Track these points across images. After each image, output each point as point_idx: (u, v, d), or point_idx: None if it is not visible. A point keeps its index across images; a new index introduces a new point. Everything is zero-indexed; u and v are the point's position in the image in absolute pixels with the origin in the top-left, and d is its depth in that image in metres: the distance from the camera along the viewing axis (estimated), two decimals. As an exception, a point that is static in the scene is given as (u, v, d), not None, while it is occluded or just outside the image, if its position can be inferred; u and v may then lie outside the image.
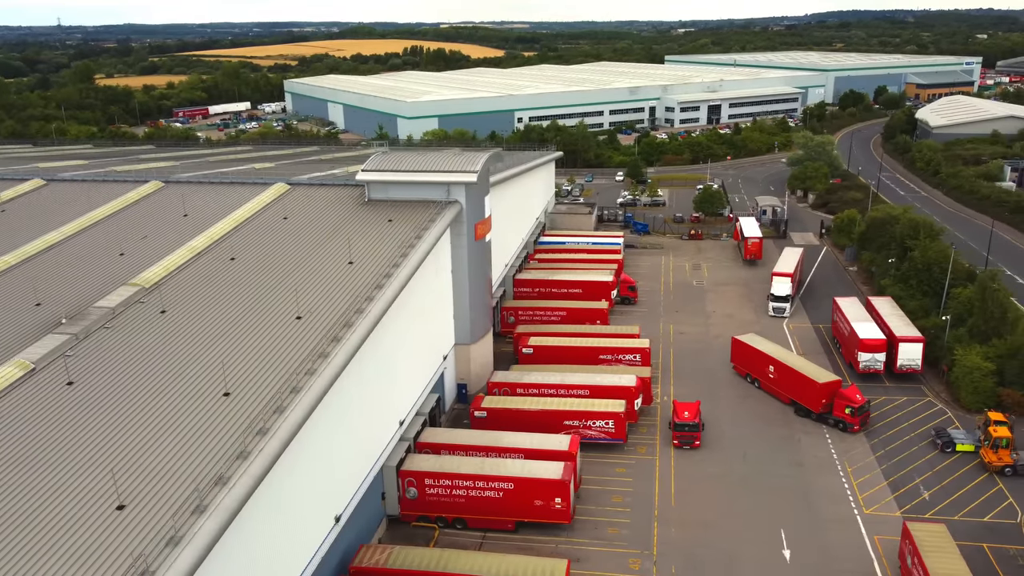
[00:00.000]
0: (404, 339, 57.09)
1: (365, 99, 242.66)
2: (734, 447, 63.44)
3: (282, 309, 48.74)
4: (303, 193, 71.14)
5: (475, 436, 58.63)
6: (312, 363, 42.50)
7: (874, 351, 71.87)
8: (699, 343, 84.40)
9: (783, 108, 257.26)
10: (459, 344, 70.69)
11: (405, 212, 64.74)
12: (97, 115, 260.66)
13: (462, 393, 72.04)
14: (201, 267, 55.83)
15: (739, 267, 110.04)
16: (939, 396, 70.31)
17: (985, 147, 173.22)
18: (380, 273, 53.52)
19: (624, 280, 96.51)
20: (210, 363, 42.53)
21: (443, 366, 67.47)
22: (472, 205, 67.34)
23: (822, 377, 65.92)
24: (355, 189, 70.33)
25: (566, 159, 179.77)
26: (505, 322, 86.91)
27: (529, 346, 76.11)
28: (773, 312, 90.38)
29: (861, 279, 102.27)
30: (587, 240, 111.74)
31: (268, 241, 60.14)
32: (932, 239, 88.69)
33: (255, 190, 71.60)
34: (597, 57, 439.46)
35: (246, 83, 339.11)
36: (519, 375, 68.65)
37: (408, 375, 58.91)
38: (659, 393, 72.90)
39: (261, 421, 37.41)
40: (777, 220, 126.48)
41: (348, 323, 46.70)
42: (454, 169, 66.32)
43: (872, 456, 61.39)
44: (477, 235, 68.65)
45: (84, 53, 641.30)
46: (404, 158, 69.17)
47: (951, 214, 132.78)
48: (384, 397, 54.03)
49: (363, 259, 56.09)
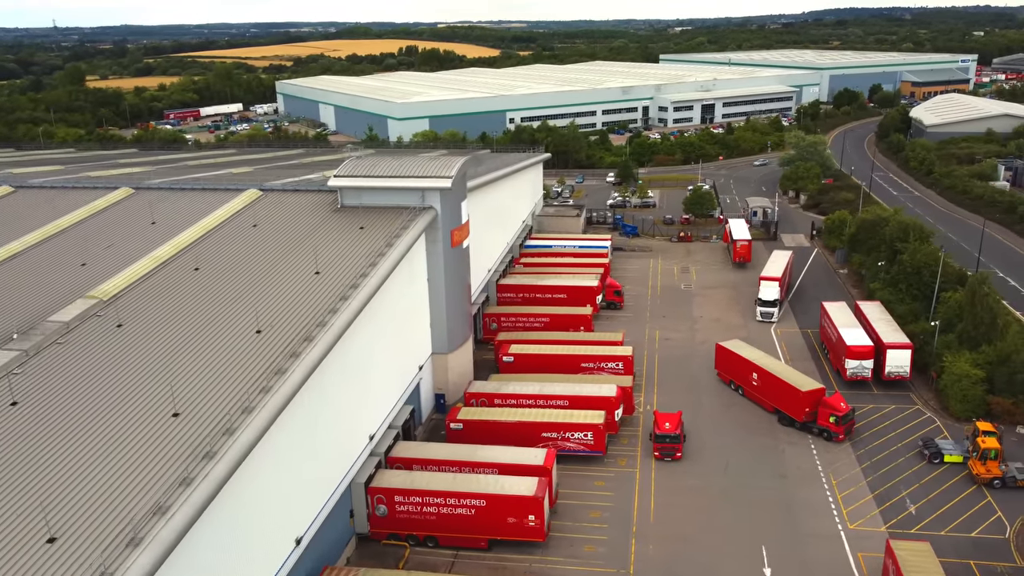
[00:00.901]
0: (374, 350, 55.42)
1: (356, 100, 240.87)
2: (716, 458, 61.79)
3: (242, 322, 47.04)
4: (275, 199, 69.43)
5: (448, 450, 56.96)
6: (268, 380, 40.81)
7: (861, 358, 70.23)
8: (684, 349, 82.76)
9: (777, 107, 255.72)
10: (436, 353, 69.00)
11: (378, 219, 63.03)
12: (87, 117, 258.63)
13: (440, 403, 70.36)
14: (164, 278, 54.11)
15: (728, 270, 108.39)
16: (928, 404, 68.66)
17: (979, 146, 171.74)
18: (347, 284, 51.82)
19: (610, 284, 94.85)
20: (162, 382, 40.82)
21: (419, 376, 65.81)
22: (448, 211, 65.65)
23: (805, 385, 64.32)
24: (329, 195, 68.62)
25: (557, 160, 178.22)
26: (487, 328, 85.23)
27: (510, 354, 74.44)
28: (761, 317, 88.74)
29: (851, 282, 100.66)
30: (574, 243, 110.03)
31: (235, 250, 58.44)
32: (922, 242, 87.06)
33: (226, 196, 69.87)
34: (592, 56, 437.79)
35: (238, 84, 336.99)
36: (497, 385, 66.98)
37: (380, 387, 57.22)
38: (642, 402, 71.25)
39: (209, 444, 35.71)
40: (768, 221, 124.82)
41: (309, 337, 45.00)
42: (429, 174, 64.62)
43: (858, 467, 59.74)
44: (453, 241, 66.95)
45: (79, 55, 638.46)
46: (378, 163, 67.47)
47: (944, 214, 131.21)
48: (352, 412, 52.34)
49: (331, 269, 54.39)
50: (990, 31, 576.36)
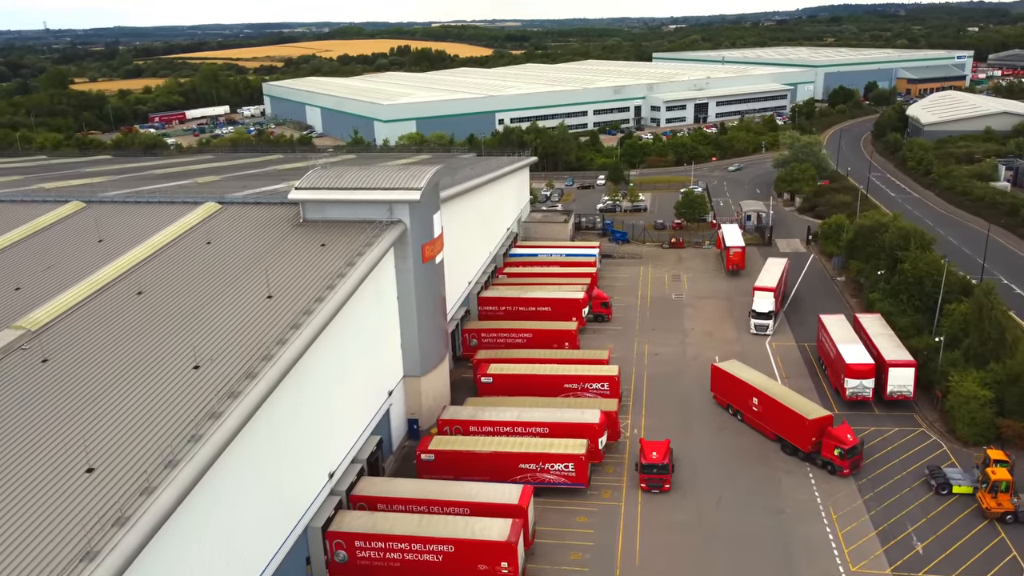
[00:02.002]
0: (333, 380, 50.95)
1: (342, 102, 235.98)
2: (708, 490, 57.41)
3: (180, 357, 42.49)
4: (234, 213, 64.87)
5: (416, 487, 52.50)
6: (200, 427, 36.30)
7: (862, 377, 65.84)
8: (675, 365, 78.39)
9: (772, 106, 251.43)
10: (408, 376, 64.52)
11: (342, 234, 58.55)
12: (68, 121, 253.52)
13: (413, 429, 65.91)
14: (102, 304, 49.54)
15: (721, 278, 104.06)
16: (933, 427, 64.32)
17: (978, 144, 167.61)
18: (300, 309, 47.33)
19: (597, 296, 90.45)
20: (79, 430, 36.31)
21: (388, 402, 61.33)
22: (418, 224, 61.18)
23: (812, 412, 59.36)
24: (292, 208, 64.09)
25: (546, 162, 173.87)
26: (467, 345, 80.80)
27: (488, 375, 70.00)
28: (755, 330, 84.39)
29: (849, 290, 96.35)
30: (560, 251, 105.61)
31: (183, 271, 53.87)
32: (923, 249, 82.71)
33: (182, 210, 65.31)
34: (586, 55, 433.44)
35: (225, 86, 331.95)
36: (473, 411, 62.51)
37: (341, 419, 52.74)
38: (628, 425, 66.88)
39: (122, 509, 31.22)
40: (762, 226, 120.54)
41: (251, 373, 40.49)
42: (396, 186, 60.15)
43: (860, 500, 55.39)
44: (425, 257, 62.48)
45: (69, 57, 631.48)
46: (344, 174, 62.94)
47: (944, 217, 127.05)
48: (309, 448, 47.86)
49: (285, 292, 49.88)
50: (984, 27, 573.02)
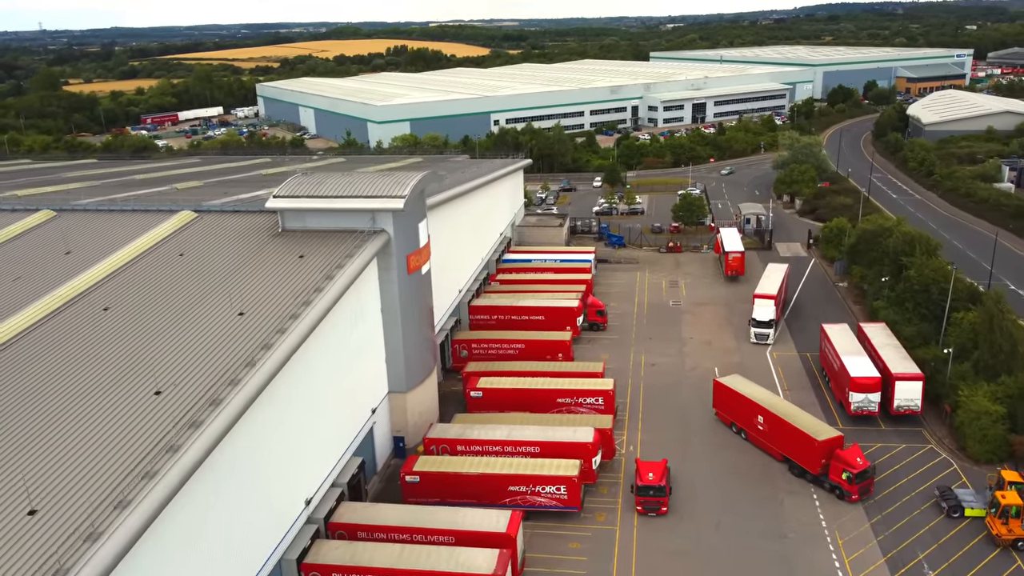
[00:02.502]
0: (310, 400, 48.14)
1: (335, 103, 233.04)
2: (706, 512, 54.64)
3: (141, 381, 39.66)
4: (210, 223, 62.02)
5: (398, 513, 49.66)
6: (155, 463, 33.46)
7: (867, 391, 63.05)
8: (672, 376, 75.60)
9: (770, 105, 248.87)
10: (394, 392, 61.71)
11: (322, 245, 55.74)
12: (59, 124, 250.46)
13: (399, 447, 63.12)
14: (64, 322, 46.71)
15: (720, 284, 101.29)
16: (942, 443, 61.54)
17: (980, 144, 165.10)
18: (273, 327, 44.50)
19: (592, 304, 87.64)
20: (22, 467, 33.49)
21: (372, 420, 58.52)
22: (402, 234, 58.37)
23: (821, 433, 56.09)
24: (271, 216, 61.21)
25: (542, 164, 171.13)
26: (457, 356, 78.00)
27: (478, 389, 67.14)
28: (755, 339, 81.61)
29: (852, 297, 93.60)
30: (554, 257, 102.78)
31: (153, 286, 51.02)
32: (929, 255, 79.96)
33: (156, 219, 62.48)
34: (583, 55, 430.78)
35: (219, 87, 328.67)
36: (461, 429, 59.68)
37: (319, 442, 49.93)
38: (624, 441, 64.10)
39: (61, 560, 28.38)
40: (762, 229, 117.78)
41: (216, 400, 37.66)
42: (379, 194, 57.32)
43: (867, 523, 52.63)
44: (410, 267, 59.67)
45: (64, 58, 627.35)
46: (324, 181, 60.09)
47: (947, 219, 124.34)
48: (282, 476, 45.04)
49: (258, 308, 47.06)
50: (983, 25, 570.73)
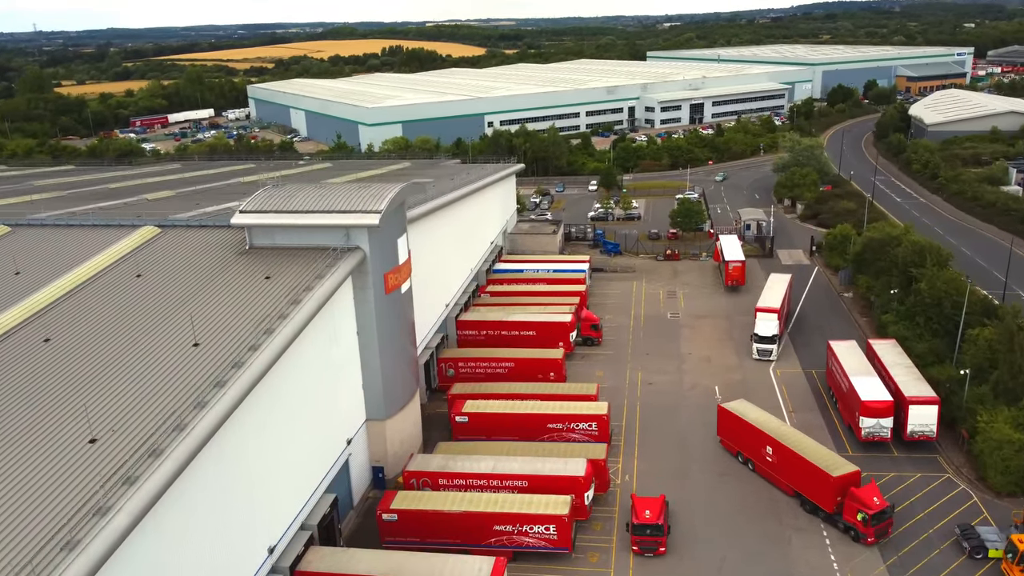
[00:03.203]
0: (273, 438, 43.94)
1: (327, 105, 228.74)
2: (708, 552, 50.49)
3: (75, 427, 35.44)
4: (174, 239, 57.79)
5: (371, 561, 45.42)
6: (78, 529, 29.24)
7: (879, 416, 58.91)
8: (671, 397, 71.48)
9: (769, 105, 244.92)
10: (372, 420, 57.52)
11: (291, 264, 51.55)
12: (45, 127, 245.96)
13: (378, 477, 58.92)
14: (1, 354, 42.45)
15: (719, 294, 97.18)
16: (960, 472, 57.41)
17: (985, 145, 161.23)
18: (229, 361, 40.27)
19: (586, 318, 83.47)
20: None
21: (347, 452, 54.33)
22: (379, 251, 54.18)
23: (837, 468, 51.46)
24: (239, 232, 56.98)
25: (536, 167, 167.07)
26: (443, 375, 73.90)
27: (464, 413, 63.03)
28: (757, 355, 77.51)
29: (858, 308, 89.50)
30: (547, 267, 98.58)
31: (103, 312, 46.78)
32: (941, 267, 75.87)
33: (117, 235, 58.22)
34: (579, 54, 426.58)
35: (210, 89, 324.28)
36: (443, 461, 55.47)
37: (284, 483, 45.68)
38: (619, 470, 59.95)
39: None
40: (762, 236, 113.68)
41: (156, 451, 33.43)
42: (353, 208, 53.10)
43: (883, 565, 48.47)
44: (388, 286, 55.48)
45: (57, 59, 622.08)
46: (295, 194, 55.84)
47: (955, 224, 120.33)
48: (240, 525, 40.81)
49: (215, 338, 42.83)
50: (981, 23, 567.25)
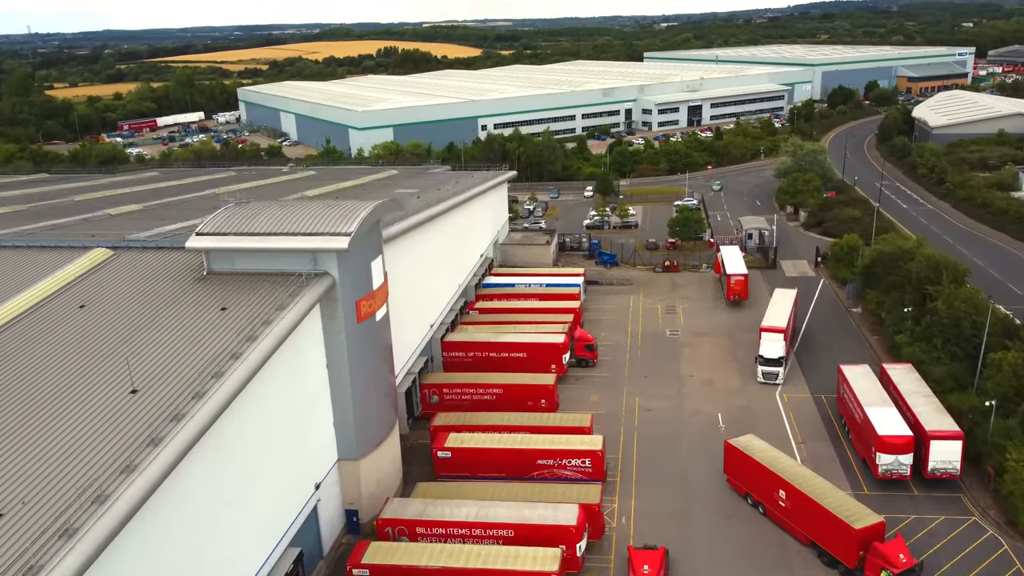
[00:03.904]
0: (223, 498, 39.02)
1: (317, 108, 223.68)
2: (713, 611, 45.76)
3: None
4: (126, 263, 52.84)
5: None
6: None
7: (898, 452, 54.07)
8: (670, 425, 66.61)
9: (768, 107, 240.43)
10: (344, 460, 52.61)
11: (252, 292, 46.63)
12: (30, 131, 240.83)
13: (352, 522, 54.01)
14: (-86, 402, 37.51)
15: (721, 309, 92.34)
16: (987, 515, 52.56)
17: (992, 148, 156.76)
18: (168, 413, 35.32)
19: (580, 337, 78.59)
20: None
21: (316, 498, 49.41)
22: (350, 276, 49.29)
23: (860, 519, 46.22)
24: (199, 253, 52.05)
25: (530, 172, 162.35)
26: (426, 402, 69.00)
27: (446, 448, 58.11)
28: (763, 378, 72.67)
29: (867, 325, 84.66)
30: (540, 281, 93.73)
31: (34, 352, 41.75)
32: (958, 284, 71.11)
33: (65, 258, 53.27)
34: (575, 55, 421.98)
35: (200, 91, 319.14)
36: (421, 507, 50.55)
37: (236, 542, 40.76)
38: (615, 511, 55.06)
39: None
40: (765, 246, 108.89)
41: (69, 530, 28.49)
42: (321, 231, 48.18)
43: (906, 626, 43.80)
44: (360, 315, 50.57)
45: (50, 61, 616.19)
46: (259, 214, 50.89)
47: (965, 232, 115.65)
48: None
49: (157, 383, 37.86)
50: (978, 22, 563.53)
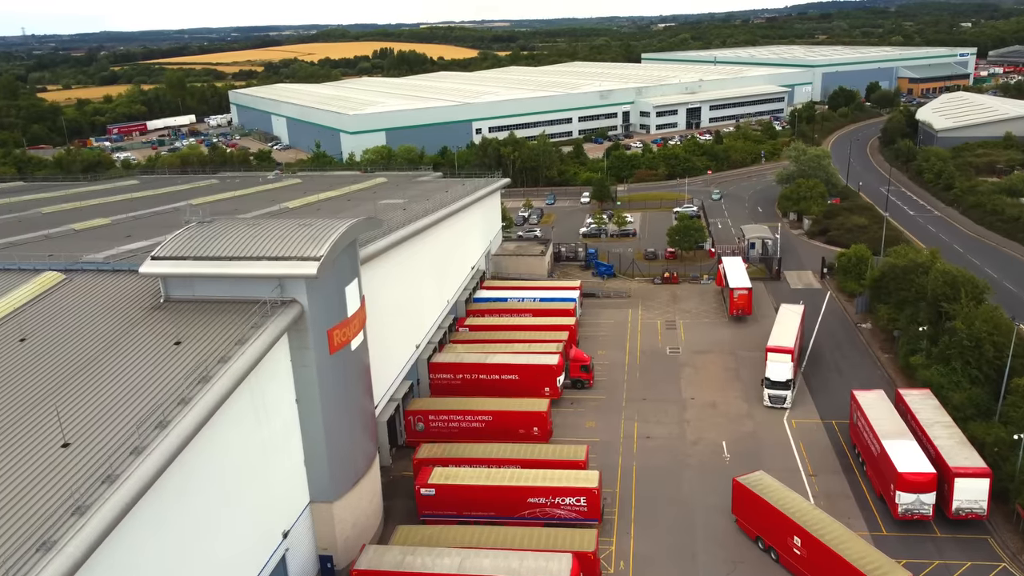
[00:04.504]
0: (176, 555, 34.67)
1: (308, 111, 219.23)
2: (721, 674, 41.47)
3: None
4: (78, 288, 48.47)
5: None
6: None
7: (920, 491, 49.83)
8: (671, 455, 62.30)
9: (768, 109, 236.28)
10: (317, 502, 48.27)
11: (211, 322, 42.29)
12: (16, 136, 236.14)
13: (327, 568, 49.67)
14: None
15: (723, 324, 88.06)
16: (1017, 560, 48.32)
17: (998, 152, 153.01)
18: (100, 473, 30.90)
19: (575, 358, 74.27)
20: None
21: (284, 547, 45.05)
22: (320, 304, 44.94)
23: (884, 574, 41.69)
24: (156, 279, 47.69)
25: (525, 177, 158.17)
26: (411, 430, 64.69)
27: (430, 485, 53.77)
28: (769, 402, 68.37)
29: (878, 343, 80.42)
30: (534, 295, 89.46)
31: (-36, 393, 37.45)
32: (977, 301, 66.90)
33: (13, 282, 48.92)
34: (573, 56, 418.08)
35: (191, 94, 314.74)
36: (399, 558, 46.09)
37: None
38: (613, 554, 50.77)
39: None
40: (768, 256, 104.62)
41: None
42: (288, 255, 43.82)
43: None
44: (333, 345, 46.20)
45: (45, 64, 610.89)
46: (223, 235, 46.49)
47: (974, 241, 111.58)
48: None
49: (93, 434, 33.50)
50: (977, 22, 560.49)
